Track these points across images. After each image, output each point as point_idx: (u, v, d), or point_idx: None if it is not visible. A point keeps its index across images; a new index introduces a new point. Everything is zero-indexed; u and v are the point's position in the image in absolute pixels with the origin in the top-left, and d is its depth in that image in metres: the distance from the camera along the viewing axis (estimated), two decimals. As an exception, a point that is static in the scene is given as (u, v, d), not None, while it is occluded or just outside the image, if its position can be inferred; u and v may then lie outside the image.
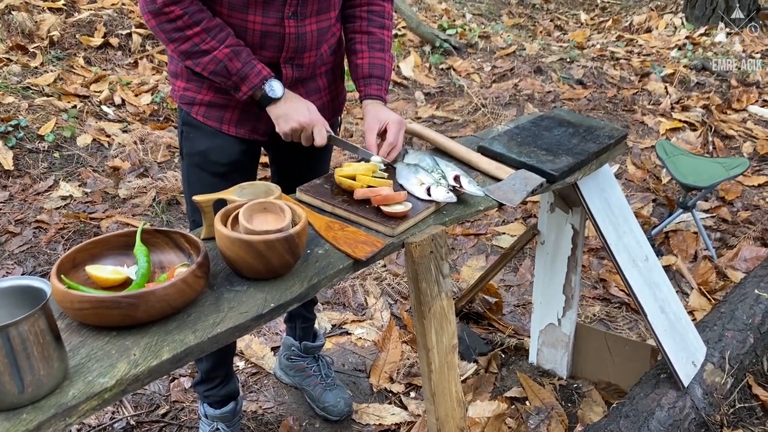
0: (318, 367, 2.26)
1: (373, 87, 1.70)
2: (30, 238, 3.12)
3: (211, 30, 1.49)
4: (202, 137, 1.69)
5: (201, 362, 1.93)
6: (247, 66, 1.51)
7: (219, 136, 1.68)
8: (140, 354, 1.02)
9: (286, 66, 1.61)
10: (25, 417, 0.91)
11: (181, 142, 1.77)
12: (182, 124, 1.73)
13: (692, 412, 1.93)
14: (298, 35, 1.57)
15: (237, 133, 1.68)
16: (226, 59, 1.50)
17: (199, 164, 1.72)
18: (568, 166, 1.69)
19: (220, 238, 1.19)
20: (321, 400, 2.20)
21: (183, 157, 1.77)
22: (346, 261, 1.29)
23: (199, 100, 1.66)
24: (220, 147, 1.68)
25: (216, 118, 1.67)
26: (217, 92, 1.64)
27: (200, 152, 1.70)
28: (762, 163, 4.08)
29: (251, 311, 1.13)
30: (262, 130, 1.68)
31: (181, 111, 1.72)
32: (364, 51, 1.71)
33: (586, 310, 2.76)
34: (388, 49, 1.75)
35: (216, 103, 1.65)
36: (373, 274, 2.98)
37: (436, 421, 1.54)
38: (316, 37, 1.61)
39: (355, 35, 1.73)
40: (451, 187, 1.50)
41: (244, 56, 1.51)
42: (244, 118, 1.67)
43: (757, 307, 2.28)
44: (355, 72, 1.73)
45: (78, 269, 1.18)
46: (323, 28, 1.62)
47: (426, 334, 1.45)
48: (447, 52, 5.73)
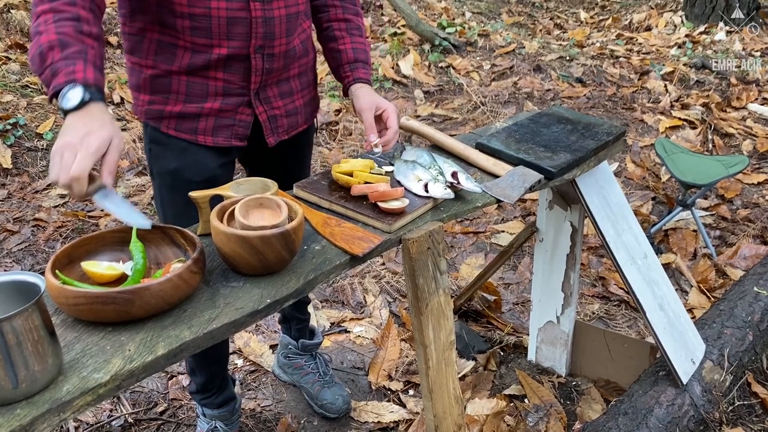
0: (316, 364, 2.26)
1: (361, 71, 1.67)
2: (28, 237, 3.12)
3: (58, 12, 1.25)
4: (172, 155, 1.57)
5: (196, 375, 1.91)
6: (64, 61, 1.20)
7: (192, 150, 1.56)
8: (135, 349, 1.02)
9: (256, 56, 1.50)
10: (19, 412, 0.91)
11: (149, 161, 1.64)
12: (149, 141, 1.60)
13: (691, 409, 1.93)
14: (265, 19, 1.47)
15: (215, 143, 1.57)
16: (47, 46, 1.22)
17: (171, 185, 1.60)
18: (566, 163, 1.68)
19: (216, 233, 1.18)
20: (319, 398, 2.20)
21: (153, 177, 1.65)
22: (342, 257, 1.28)
23: (168, 112, 1.53)
24: (194, 164, 1.56)
25: (189, 130, 1.54)
26: (187, 101, 1.52)
27: (172, 171, 1.58)
28: (761, 161, 4.08)
29: (247, 307, 1.13)
30: (241, 135, 1.59)
31: (147, 128, 1.59)
32: (344, 37, 1.68)
33: (585, 307, 2.76)
34: (365, 36, 1.72)
35: (187, 114, 1.53)
36: (372, 272, 2.98)
37: (433, 417, 1.53)
38: (285, 23, 1.52)
39: (332, 23, 1.69)
40: (448, 183, 1.49)
41: (71, 51, 1.21)
42: (220, 125, 1.56)
43: (756, 305, 2.27)
44: (338, 58, 1.68)
45: (74, 265, 1.17)
46: (291, 14, 1.54)
47: (423, 331, 1.45)
48: (446, 50, 5.72)
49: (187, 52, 1.47)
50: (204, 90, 1.51)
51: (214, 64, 1.49)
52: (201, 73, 1.50)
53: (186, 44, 1.47)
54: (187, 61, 1.48)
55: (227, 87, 1.52)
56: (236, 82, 1.52)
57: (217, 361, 1.92)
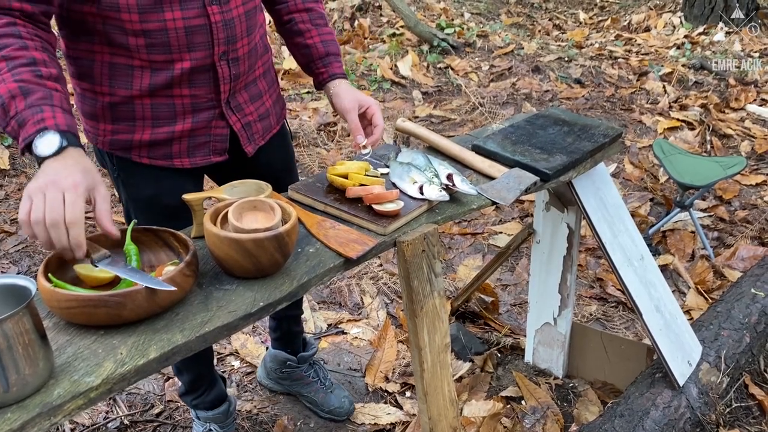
0: (315, 372, 2.23)
1: (335, 65, 1.59)
2: (25, 238, 3.12)
3: (11, 59, 1.14)
4: (146, 182, 1.48)
5: (182, 374, 1.90)
6: (30, 110, 1.11)
7: (167, 175, 1.48)
8: (127, 353, 1.02)
9: (222, 63, 1.41)
10: (10, 416, 0.90)
11: (118, 188, 1.53)
12: (116, 168, 1.49)
13: (687, 411, 1.92)
14: (225, 22, 1.37)
15: (192, 164, 1.48)
16: (8, 96, 1.12)
17: (145, 209, 1.52)
18: (562, 165, 1.68)
19: (209, 236, 1.18)
20: (326, 404, 2.18)
21: (123, 203, 1.56)
22: (336, 260, 1.28)
23: (137, 141, 1.42)
24: (170, 189, 1.46)
25: (164, 156, 1.45)
26: (156, 126, 1.41)
27: (147, 198, 1.50)
28: (760, 162, 4.08)
29: (240, 310, 1.12)
30: (219, 149, 1.51)
31: (111, 157, 1.47)
32: (310, 30, 1.58)
33: (582, 309, 2.76)
34: (328, 22, 1.64)
35: (158, 141, 1.43)
36: (369, 273, 2.97)
37: (428, 420, 1.53)
38: (245, 21, 1.43)
39: (293, 15, 1.59)
40: (443, 185, 1.49)
41: (35, 98, 1.12)
42: (195, 144, 1.47)
43: (753, 307, 2.27)
44: (307, 54, 1.60)
45: (66, 267, 1.17)
46: (249, 10, 1.44)
47: (418, 333, 1.45)
48: (445, 51, 5.72)
49: (145, 72, 1.36)
50: (171, 111, 1.41)
51: (177, 81, 1.38)
52: (164, 93, 1.39)
53: (143, 63, 1.35)
54: (147, 81, 1.36)
55: (195, 103, 1.42)
56: (204, 95, 1.43)
57: (203, 356, 1.89)
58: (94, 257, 1.11)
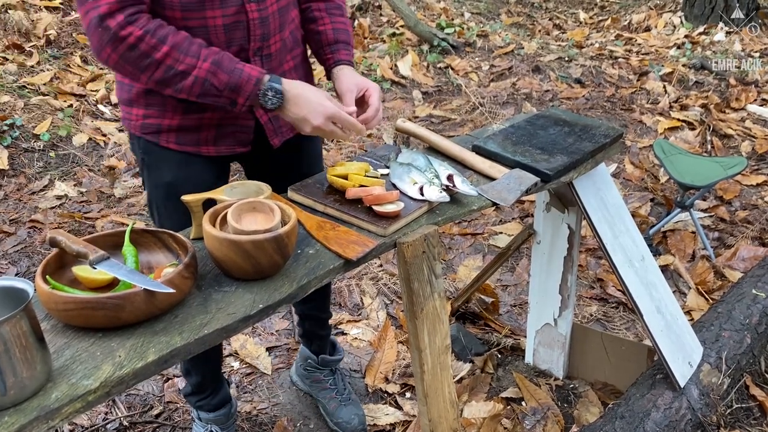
0: (334, 380, 2.20)
1: (342, 52, 1.60)
2: (24, 238, 3.11)
3: (180, 46, 1.30)
4: (168, 167, 1.53)
5: (190, 376, 1.89)
6: (233, 75, 1.33)
7: (192, 162, 1.53)
8: (125, 356, 1.01)
9: (255, 59, 1.47)
10: (7, 420, 0.90)
11: (143, 172, 1.59)
12: (143, 153, 1.55)
13: (688, 413, 1.92)
14: (261, 19, 1.43)
15: (218, 152, 1.54)
16: (210, 75, 1.31)
17: (165, 196, 1.56)
18: (562, 166, 1.67)
19: (208, 238, 1.17)
20: (336, 415, 2.15)
21: (146, 188, 1.61)
22: (336, 261, 1.27)
23: (166, 126, 1.49)
24: (191, 176, 1.52)
25: (191, 142, 1.51)
26: (186, 112, 1.47)
27: (168, 184, 1.54)
28: (760, 163, 4.07)
29: (239, 312, 1.12)
30: (244, 140, 1.56)
31: (139, 141, 1.54)
32: (324, 17, 1.60)
33: (583, 310, 2.75)
34: (346, 15, 1.65)
35: (187, 126, 1.49)
36: (369, 274, 2.97)
37: (428, 422, 1.52)
38: (278, 18, 1.48)
39: (311, 4, 1.62)
40: (444, 186, 1.48)
41: (227, 65, 1.33)
42: (222, 134, 1.52)
43: (754, 307, 2.26)
44: (318, 40, 1.61)
45: (65, 269, 1.17)
46: (283, 7, 1.50)
47: (418, 335, 1.44)
48: (445, 50, 5.71)
49: None
50: None
51: None
52: None
53: None
54: None
55: None
56: None
57: (212, 360, 1.90)
58: (92, 259, 1.10)
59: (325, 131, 1.41)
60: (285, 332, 2.62)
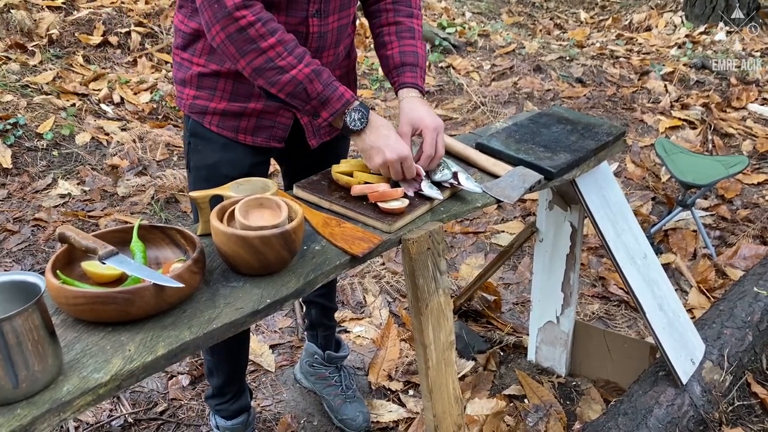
0: (340, 377, 2.21)
1: (407, 75, 1.60)
2: (28, 237, 3.12)
3: (287, 43, 1.35)
4: (212, 149, 1.60)
5: (213, 378, 1.90)
6: (328, 89, 1.38)
7: (231, 147, 1.59)
8: (135, 349, 1.02)
9: None
10: (20, 412, 0.91)
11: (187, 154, 1.66)
12: (190, 135, 1.62)
13: (690, 409, 1.93)
14: (320, 34, 1.50)
15: (254, 142, 1.60)
16: (306, 81, 1.36)
17: (206, 178, 1.61)
18: (566, 163, 1.68)
19: (216, 233, 1.18)
20: (340, 412, 2.16)
21: (189, 170, 1.67)
22: (342, 257, 1.29)
23: (212, 109, 1.56)
24: (232, 160, 1.59)
25: (231, 128, 1.58)
26: (232, 100, 1.55)
27: (209, 166, 1.61)
28: (761, 161, 4.08)
29: (247, 307, 1.13)
30: (279, 137, 1.62)
31: (189, 121, 1.62)
32: (393, 42, 1.62)
33: (585, 308, 2.76)
34: (419, 37, 1.65)
35: (231, 112, 1.56)
36: (372, 272, 2.98)
37: (433, 417, 1.53)
38: (336, 34, 1.55)
39: (382, 28, 1.65)
40: (448, 183, 1.50)
41: (325, 77, 1.38)
42: (260, 126, 1.59)
43: (756, 305, 2.27)
44: (387, 65, 1.64)
45: (74, 265, 1.18)
46: (343, 25, 1.57)
47: (423, 331, 1.45)
48: (446, 50, 5.72)
49: None
50: (249, 91, 1.54)
51: None
52: None
53: None
54: None
55: None
56: None
57: (238, 361, 1.90)
58: (102, 254, 1.12)
59: (390, 167, 1.44)
60: (288, 330, 2.63)
